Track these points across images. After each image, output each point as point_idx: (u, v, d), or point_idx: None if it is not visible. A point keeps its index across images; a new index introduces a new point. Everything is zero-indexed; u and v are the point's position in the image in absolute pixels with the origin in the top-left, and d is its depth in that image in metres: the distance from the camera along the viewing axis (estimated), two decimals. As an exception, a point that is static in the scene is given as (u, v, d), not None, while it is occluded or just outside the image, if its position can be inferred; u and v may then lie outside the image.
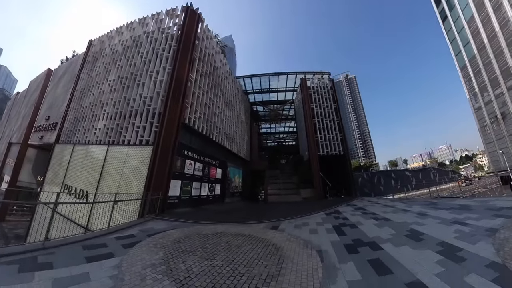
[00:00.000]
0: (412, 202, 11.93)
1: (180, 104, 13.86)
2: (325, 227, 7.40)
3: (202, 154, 17.01)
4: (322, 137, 21.42)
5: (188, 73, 15.37)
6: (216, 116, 19.51)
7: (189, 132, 15.91)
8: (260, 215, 12.18)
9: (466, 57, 39.80)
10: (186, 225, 7.92)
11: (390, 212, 9.35)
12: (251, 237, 6.39)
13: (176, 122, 13.38)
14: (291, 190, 21.70)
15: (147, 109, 14.25)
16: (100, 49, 21.49)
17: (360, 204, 13.03)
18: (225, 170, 21.74)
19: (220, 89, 21.08)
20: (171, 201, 12.19)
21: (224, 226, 8.16)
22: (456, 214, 7.66)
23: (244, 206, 17.73)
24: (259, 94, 30.87)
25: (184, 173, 13.80)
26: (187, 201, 13.74)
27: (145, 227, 7.41)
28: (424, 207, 9.64)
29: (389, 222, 7.34)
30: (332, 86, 24.14)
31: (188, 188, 14.06)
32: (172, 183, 12.37)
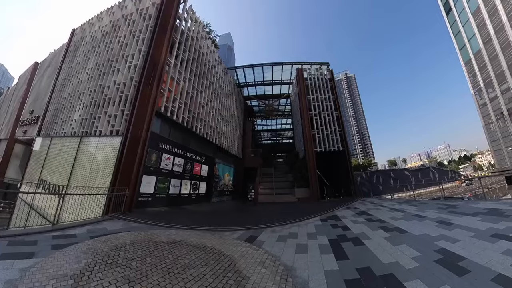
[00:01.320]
0: (423, 204, 10.06)
1: (154, 90, 12.24)
2: (319, 241, 5.48)
3: (184, 149, 15.49)
4: (319, 131, 19.51)
5: (166, 56, 13.70)
6: (201, 107, 17.66)
7: (167, 123, 14.45)
8: (242, 218, 10.31)
9: (471, 51, 38.03)
10: (145, 227, 6.89)
11: (401, 218, 7.46)
12: (212, 252, 4.67)
13: (149, 110, 11.71)
14: (285, 189, 19.82)
15: (119, 96, 13.09)
16: (81, 37, 20.86)
17: (362, 207, 11.14)
18: (213, 167, 19.96)
19: (207, 78, 19.19)
20: (144, 199, 11.15)
21: (188, 232, 6.60)
22: (490, 222, 5.83)
23: (230, 207, 15.86)
24: (252, 87, 28.87)
25: (160, 169, 12.54)
26: (163, 200, 12.51)
27: (98, 226, 6.60)
28: (441, 212, 7.78)
29: (405, 235, 5.43)
30: (331, 77, 22.21)
31: (164, 185, 12.82)
32: (145, 179, 11.32)
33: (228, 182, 23.71)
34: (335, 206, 11.72)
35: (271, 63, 24.32)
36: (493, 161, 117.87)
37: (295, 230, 6.94)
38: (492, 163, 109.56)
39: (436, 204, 9.72)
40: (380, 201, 12.66)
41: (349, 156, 19.02)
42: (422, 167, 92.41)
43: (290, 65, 23.98)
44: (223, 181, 22.55)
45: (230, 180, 24.38)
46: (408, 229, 5.89)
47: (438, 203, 9.84)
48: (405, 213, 8.36)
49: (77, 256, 4.06)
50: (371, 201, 13.25)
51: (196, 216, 11.15)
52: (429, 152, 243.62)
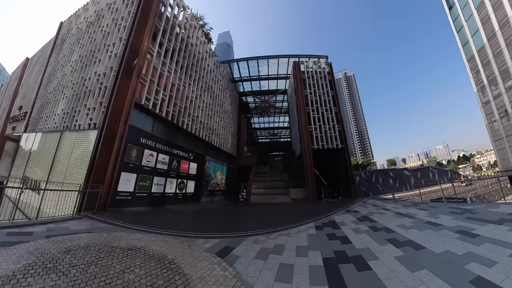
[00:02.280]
0: (433, 208, 8.82)
1: (134, 80, 11.32)
2: (310, 260, 4.18)
3: (169, 145, 14.46)
4: (317, 128, 18.23)
5: (148, 44, 12.64)
6: (188, 101, 16.46)
7: (150, 117, 13.41)
8: (225, 223, 9.02)
9: (474, 47, 36.87)
10: (111, 229, 6.30)
11: (412, 227, 6.20)
12: (168, 268, 3.71)
13: (127, 101, 10.84)
14: (280, 189, 18.53)
15: (99, 88, 12.44)
16: (68, 30, 19.98)
17: (363, 210, 9.87)
18: (203, 165, 18.71)
19: (196, 71, 17.99)
20: (122, 198, 10.42)
21: (155, 237, 5.66)
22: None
23: (218, 208, 14.59)
24: (247, 82, 27.54)
25: (141, 165, 11.73)
26: (144, 199, 11.71)
27: (61, 225, 6.14)
28: (458, 218, 6.55)
29: (422, 253, 4.17)
30: (330, 71, 20.92)
31: (146, 184, 11.99)
32: (124, 176, 10.61)
33: (220, 181, 22.49)
34: (333, 209, 10.46)
35: (266, 56, 23.01)
36: (492, 161, 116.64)
37: (282, 241, 5.67)
38: (491, 163, 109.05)
39: (448, 208, 8.47)
40: (383, 203, 11.40)
41: (349, 154, 17.78)
42: (422, 167, 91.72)
43: (287, 58, 22.68)
44: (214, 180, 21.32)
45: (223, 179, 23.15)
46: (424, 243, 4.62)
47: (452, 206, 8.59)
48: (414, 219, 7.10)
49: (20, 255, 3.73)
50: (373, 203, 11.99)
51: (176, 218, 10.02)
52: (428, 152, 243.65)
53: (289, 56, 22.38)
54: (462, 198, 18.06)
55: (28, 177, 14.48)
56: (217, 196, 21.04)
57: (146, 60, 12.70)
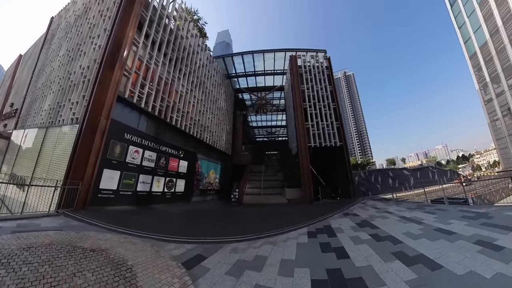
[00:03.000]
0: (442, 212, 7.91)
1: (117, 72, 10.62)
2: (295, 283, 3.22)
3: (157, 141, 13.78)
4: (314, 125, 17.27)
5: (133, 34, 11.94)
6: (177, 96, 15.67)
7: (136, 112, 12.90)
8: (209, 225, 8.06)
9: (477, 44, 35.99)
10: (83, 228, 5.99)
11: (421, 235, 5.27)
12: (123, 277, 3.35)
13: (109, 94, 10.27)
14: (274, 189, 17.59)
15: (82, 81, 12.07)
16: (57, 24, 19.87)
17: (363, 213, 8.93)
18: (194, 163, 17.89)
19: (186, 65, 17.12)
20: (104, 196, 10.00)
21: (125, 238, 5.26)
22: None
23: (206, 209, 13.67)
24: (243, 78, 26.54)
25: (125, 162, 11.22)
26: (129, 198, 11.21)
27: (33, 222, 5.93)
28: (472, 224, 5.68)
29: (440, 274, 3.25)
30: (329, 65, 19.97)
31: (131, 182, 11.51)
32: (107, 173, 10.20)
33: (213, 180, 21.61)
34: (330, 211, 9.53)
35: (262, 50, 22.02)
36: (491, 161, 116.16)
37: (266, 251, 4.73)
38: (491, 163, 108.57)
39: (459, 211, 7.54)
40: (384, 205, 10.47)
41: (348, 152, 16.84)
42: (422, 167, 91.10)
43: (283, 52, 21.69)
44: (207, 179, 20.45)
45: (217, 178, 22.27)
46: (441, 260, 3.68)
47: (462, 210, 7.67)
48: (423, 225, 6.16)
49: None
50: (373, 204, 11.06)
51: (158, 218, 9.24)
52: (427, 152, 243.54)
53: (286, 50, 21.41)
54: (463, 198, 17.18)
55: (15, 173, 14.31)
56: (210, 195, 20.25)
57: (132, 51, 12.05)
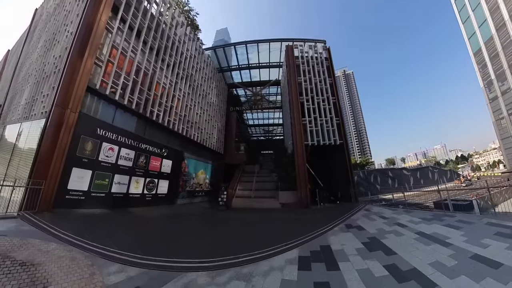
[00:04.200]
0: (467, 225, 6.38)
1: (87, 60, 9.63)
2: None
3: (136, 138, 12.55)
4: (311, 120, 15.66)
5: (106, 19, 10.73)
6: (159, 88, 14.74)
7: (111, 106, 11.58)
8: (177, 237, 6.33)
9: (481, 39, 34.51)
10: (32, 234, 5.26)
11: (458, 269, 3.70)
12: None
13: (78, 86, 9.34)
14: (268, 191, 15.97)
15: (54, 72, 11.13)
16: (40, 15, 19.00)
17: (370, 225, 7.33)
18: (180, 162, 16.39)
19: (171, 55, 15.73)
20: (73, 197, 9.10)
21: (68, 253, 4.54)
22: None
23: (188, 213, 12.06)
24: (236, 72, 24.87)
25: (98, 161, 10.27)
26: (102, 200, 10.22)
27: None
28: None
29: None
30: (328, 56, 18.35)
31: (104, 182, 10.51)
32: (76, 172, 9.32)
33: (203, 181, 19.99)
34: (329, 221, 7.93)
35: (256, 40, 20.33)
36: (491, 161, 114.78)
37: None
38: (490, 163, 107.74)
39: (489, 225, 5.97)
40: (393, 214, 8.87)
41: (348, 152, 15.27)
42: (422, 167, 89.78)
43: (279, 42, 20.02)
44: (195, 179, 18.85)
45: (207, 179, 20.64)
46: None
47: (492, 223, 6.10)
48: (452, 248, 4.59)
49: None
50: (379, 212, 9.45)
51: (125, 225, 8.16)
52: (426, 152, 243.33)
53: (282, 40, 19.75)
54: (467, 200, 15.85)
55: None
56: (199, 197, 18.67)
57: (106, 38, 11.05)
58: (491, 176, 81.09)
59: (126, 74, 11.95)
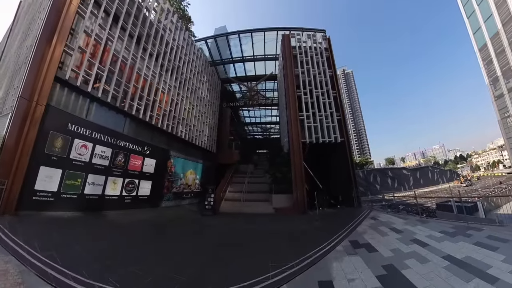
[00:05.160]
0: (502, 244, 4.92)
1: (55, 47, 8.73)
2: None
3: (113, 135, 11.41)
4: (309, 116, 14.16)
5: (77, 1, 9.64)
6: (140, 80, 13.65)
7: (85, 99, 10.41)
8: (126, 256, 4.77)
9: (487, 34, 33.14)
10: None
11: None
12: None
13: (45, 75, 8.45)
14: (261, 194, 14.47)
15: (25, 62, 10.10)
16: (22, 8, 17.95)
17: (381, 243, 5.84)
18: (165, 161, 15.10)
19: (154, 44, 14.46)
20: (41, 199, 8.38)
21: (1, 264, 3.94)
22: None
23: (168, 219, 10.50)
24: (229, 65, 23.34)
25: (69, 159, 9.43)
26: (73, 202, 9.36)
27: None
28: None
29: None
30: (328, 47, 16.85)
31: (76, 183, 9.62)
32: (44, 171, 8.63)
33: (192, 182, 18.55)
34: (329, 235, 6.44)
35: (250, 29, 18.75)
36: (491, 161, 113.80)
37: None
38: (490, 163, 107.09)
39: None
40: (405, 224, 7.40)
41: (350, 150, 13.80)
42: (421, 166, 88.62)
43: (275, 32, 18.47)
44: (183, 180, 17.39)
45: (197, 179, 19.18)
46: None
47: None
48: (498, 285, 3.08)
49: None
50: (389, 222, 7.97)
51: (88, 233, 7.09)
52: (424, 152, 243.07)
53: (278, 29, 18.21)
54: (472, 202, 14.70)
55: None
56: (187, 199, 17.26)
57: (77, 24, 9.90)
58: (491, 176, 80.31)
59: (101, 63, 10.75)
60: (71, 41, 9.71)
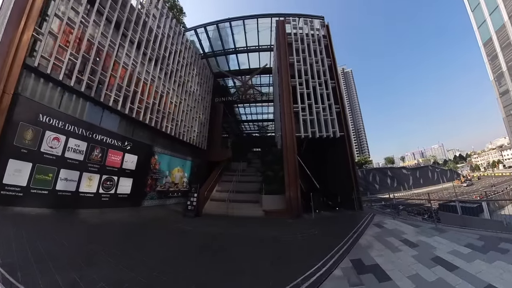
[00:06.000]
0: None
1: (22, 31, 8.02)
2: None
3: (88, 127, 10.62)
4: (305, 108, 12.75)
5: None
6: (118, 68, 12.20)
7: (58, 88, 9.54)
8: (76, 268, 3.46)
9: (492, 28, 31.83)
10: None
11: None
12: None
13: (11, 62, 7.77)
14: (252, 194, 13.04)
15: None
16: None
17: (393, 263, 4.47)
18: (148, 158, 14.08)
19: (135, 31, 13.20)
20: (9, 194, 7.87)
21: None
22: None
23: (142, 221, 8.98)
24: (222, 56, 21.89)
25: (40, 152, 8.96)
26: (44, 198, 8.82)
27: None
28: None
29: None
30: (327, 34, 15.44)
31: (47, 177, 9.13)
32: (13, 164, 8.11)
33: (180, 180, 17.30)
34: (326, 251, 5.05)
35: (242, 16, 17.27)
36: (491, 161, 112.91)
37: None
38: (490, 163, 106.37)
39: None
40: (418, 233, 6.03)
41: (351, 146, 12.39)
42: (421, 166, 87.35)
43: (269, 18, 17.02)
44: (169, 178, 16.14)
45: (185, 177, 17.90)
46: None
47: None
48: None
49: None
50: (398, 230, 6.59)
51: (39, 234, 5.84)
52: (423, 151, 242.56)
53: (272, 16, 16.76)
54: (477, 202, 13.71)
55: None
56: (174, 198, 16.03)
57: (51, 6, 8.81)
58: (492, 176, 79.48)
59: (75, 50, 9.68)
60: (41, 25, 8.66)
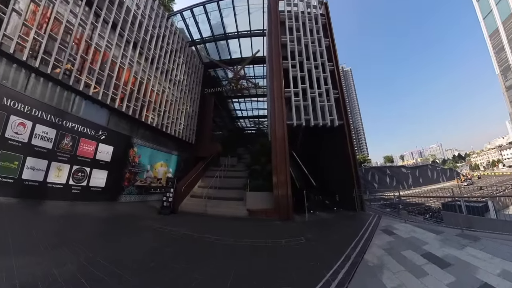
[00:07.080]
0: None
1: None
2: None
3: (58, 114, 9.74)
4: (298, 93, 11.10)
5: None
6: (91, 50, 10.63)
7: (25, 71, 8.64)
8: None
9: (499, 18, 30.32)
10: None
11: None
12: None
13: None
14: (237, 190, 11.38)
15: None
16: None
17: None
18: (126, 149, 12.92)
19: (110, 10, 12.02)
20: None
21: None
22: None
23: (104, 219, 7.34)
24: (211, 43, 20.21)
25: (4, 138, 8.01)
26: (9, 187, 8.06)
27: None
28: None
29: None
30: (325, 12, 13.80)
31: (13, 165, 8.38)
32: None
33: (163, 175, 15.83)
34: (317, 276, 3.42)
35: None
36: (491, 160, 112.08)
37: None
38: (490, 162, 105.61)
39: None
40: (443, 243, 4.45)
41: (351, 137, 10.74)
42: (421, 165, 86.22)
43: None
44: (151, 172, 14.69)
45: (170, 173, 16.42)
46: None
47: None
48: None
49: None
50: (415, 238, 5.00)
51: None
52: (422, 151, 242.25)
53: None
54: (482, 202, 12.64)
55: None
56: (156, 194, 14.55)
57: None
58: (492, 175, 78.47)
59: (40, 29, 8.46)
60: (3, 1, 7.37)
